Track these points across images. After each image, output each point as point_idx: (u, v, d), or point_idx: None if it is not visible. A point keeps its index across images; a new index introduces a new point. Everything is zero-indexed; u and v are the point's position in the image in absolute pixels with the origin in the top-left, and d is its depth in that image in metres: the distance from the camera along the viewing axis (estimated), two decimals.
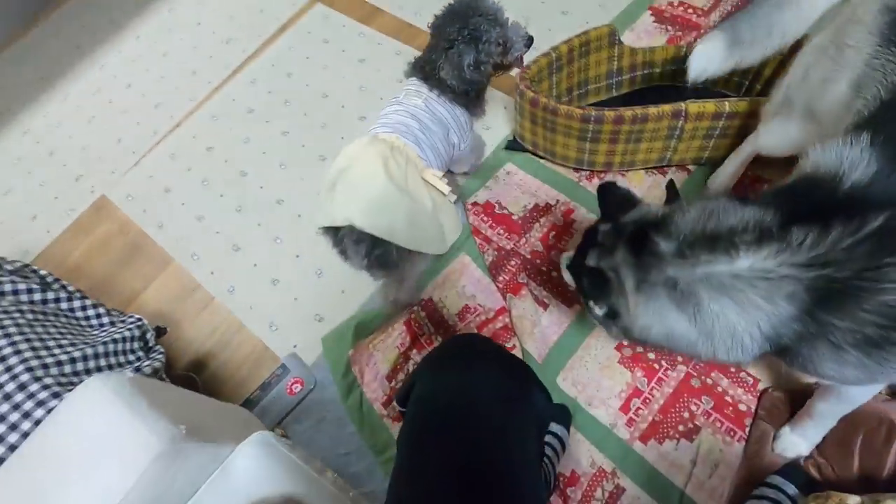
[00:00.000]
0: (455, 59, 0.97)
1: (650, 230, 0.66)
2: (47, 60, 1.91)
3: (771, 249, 0.57)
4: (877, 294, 0.54)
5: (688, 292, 0.62)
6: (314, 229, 1.37)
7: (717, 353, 0.66)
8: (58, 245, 1.49)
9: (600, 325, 0.80)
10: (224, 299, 1.33)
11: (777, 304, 0.58)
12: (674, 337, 0.68)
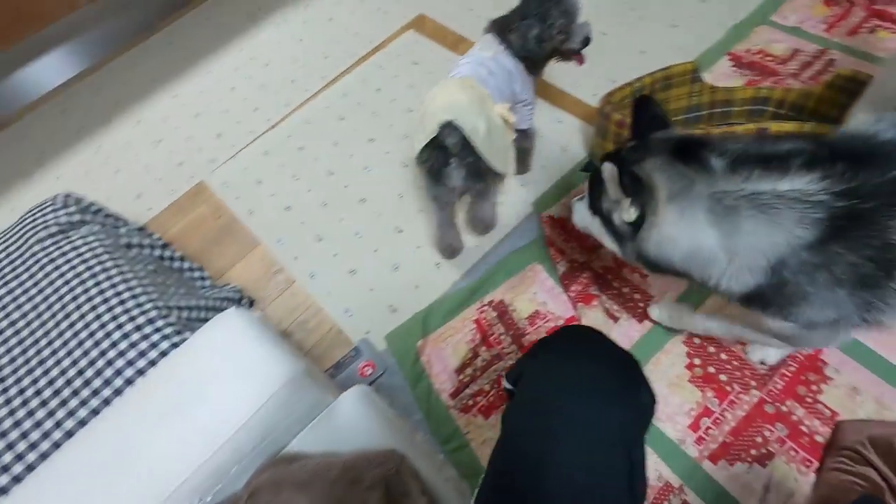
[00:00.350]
0: (523, 29, 1.14)
1: (699, 146, 0.71)
2: (162, 64, 2.13)
3: (818, 174, 0.63)
4: (885, 231, 0.61)
5: (730, 207, 0.67)
6: (394, 227, 1.47)
7: (724, 276, 0.72)
8: (158, 221, 1.63)
9: (613, 241, 0.86)
10: (304, 284, 1.42)
11: (804, 227, 0.64)
12: (698, 253, 0.72)
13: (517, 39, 1.15)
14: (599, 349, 0.67)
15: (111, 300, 0.89)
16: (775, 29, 1.65)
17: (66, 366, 0.83)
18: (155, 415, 0.65)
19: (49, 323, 0.88)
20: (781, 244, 0.66)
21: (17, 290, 0.93)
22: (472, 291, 1.31)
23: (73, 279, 0.92)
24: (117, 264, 0.96)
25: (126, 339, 0.84)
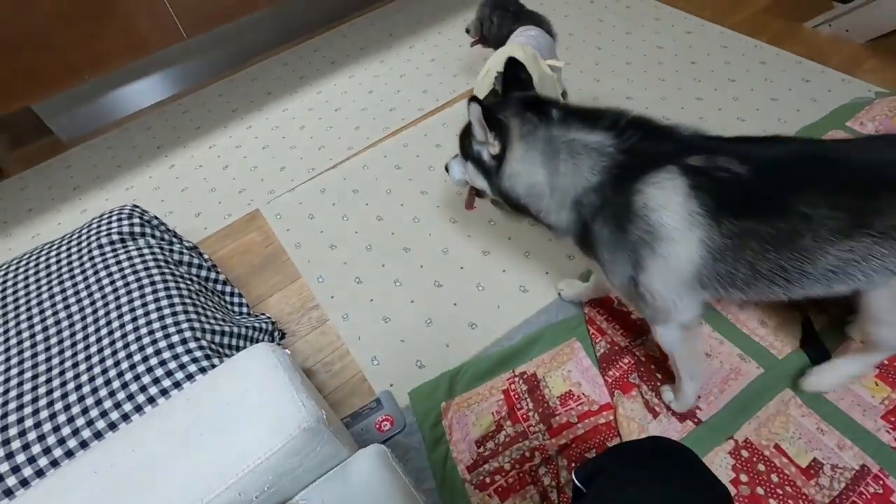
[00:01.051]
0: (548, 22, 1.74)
1: (546, 103, 0.93)
2: (244, 97, 2.29)
3: (612, 133, 0.84)
4: (638, 186, 0.81)
5: (556, 150, 0.87)
6: (433, 279, 1.46)
7: (549, 210, 0.92)
8: (210, 241, 1.69)
9: (484, 180, 0.99)
10: (337, 323, 1.41)
11: (595, 173, 0.84)
12: (532, 188, 0.91)
13: (548, 26, 1.72)
14: (697, 480, 0.60)
15: (152, 314, 0.90)
16: (851, 135, 1.61)
17: (97, 373, 0.84)
18: (167, 442, 0.63)
19: (91, 327, 0.90)
20: (579, 184, 0.86)
21: (70, 291, 0.97)
22: (505, 359, 1.26)
23: (122, 288, 0.95)
24: (164, 280, 0.98)
25: (157, 355, 0.84)
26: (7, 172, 2.12)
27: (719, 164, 0.79)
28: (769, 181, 0.78)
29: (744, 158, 0.78)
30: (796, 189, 0.76)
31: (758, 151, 0.81)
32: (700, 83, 1.91)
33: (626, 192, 0.81)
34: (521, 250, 1.49)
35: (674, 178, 0.79)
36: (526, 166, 0.90)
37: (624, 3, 2.38)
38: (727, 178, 0.78)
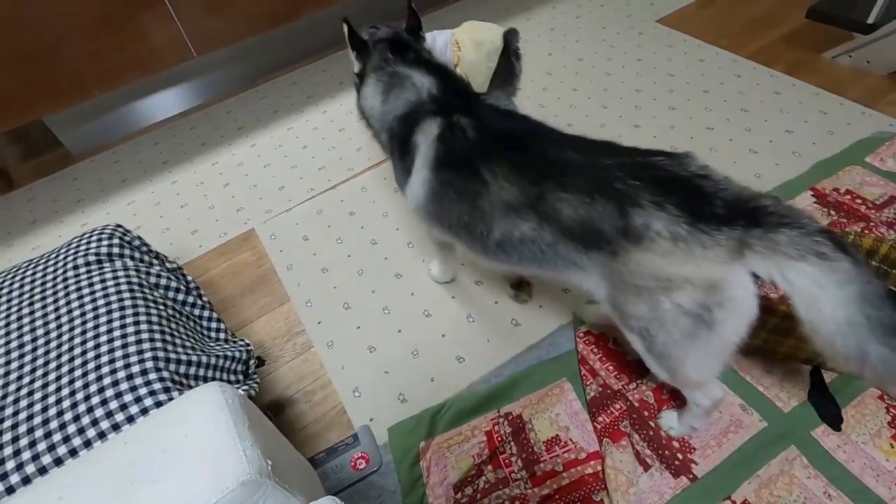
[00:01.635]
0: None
1: (409, 43, 1.14)
2: (251, 115, 2.30)
3: (437, 83, 1.04)
4: (418, 126, 1.02)
5: (394, 82, 1.07)
6: (423, 309, 1.41)
7: (381, 130, 1.13)
8: (203, 259, 1.68)
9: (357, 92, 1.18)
10: (321, 351, 1.37)
11: (406, 106, 1.05)
12: (373, 109, 1.13)
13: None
14: None
15: (115, 342, 0.87)
16: (870, 171, 1.52)
17: (52, 402, 0.81)
18: (97, 491, 0.59)
19: (53, 353, 0.88)
20: (396, 111, 1.06)
21: (39, 313, 0.95)
22: (490, 398, 1.20)
23: (90, 312, 0.92)
24: (135, 304, 0.95)
25: (115, 386, 0.81)
26: (17, 183, 2.16)
27: (462, 126, 0.95)
28: (480, 147, 0.92)
29: (485, 126, 0.94)
30: (491, 158, 0.89)
31: (501, 123, 0.96)
32: (711, 112, 1.85)
33: (412, 126, 1.02)
34: None
35: (433, 128, 0.98)
36: (371, 91, 1.11)
37: (636, 29, 2.35)
38: (458, 137, 0.94)
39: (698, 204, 0.73)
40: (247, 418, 0.67)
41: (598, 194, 0.78)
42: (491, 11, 2.70)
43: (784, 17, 2.22)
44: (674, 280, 0.74)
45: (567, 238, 0.83)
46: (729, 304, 0.74)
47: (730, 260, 0.71)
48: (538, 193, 0.83)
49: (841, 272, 0.68)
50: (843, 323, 0.68)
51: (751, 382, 1.13)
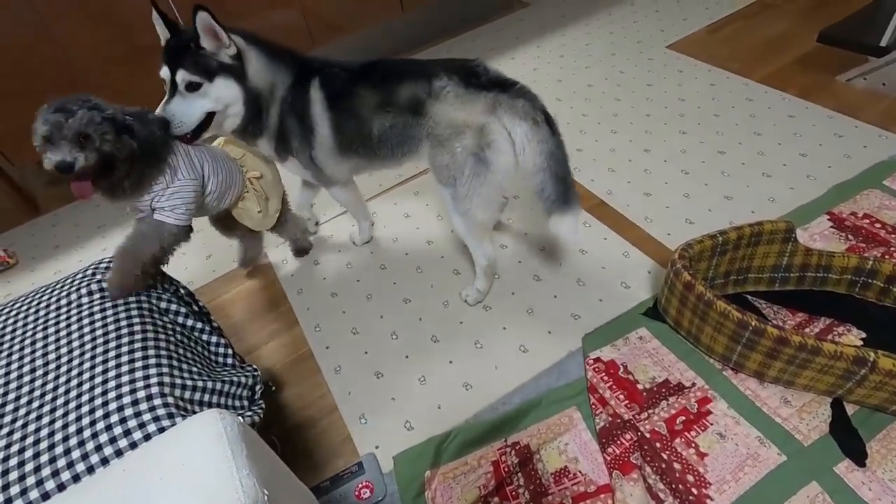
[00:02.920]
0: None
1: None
2: None
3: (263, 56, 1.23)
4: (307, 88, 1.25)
5: (273, 57, 1.24)
6: (430, 334, 1.40)
7: (270, 109, 1.25)
8: (215, 284, 1.70)
9: (228, 86, 1.18)
10: (329, 377, 1.36)
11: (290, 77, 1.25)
12: (268, 84, 1.23)
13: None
14: None
15: (123, 367, 0.89)
16: (889, 195, 1.49)
17: (58, 427, 0.82)
18: None
19: (62, 378, 0.89)
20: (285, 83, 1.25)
21: (52, 338, 0.97)
22: (497, 426, 1.17)
23: (100, 338, 0.94)
24: (144, 330, 0.97)
25: (119, 412, 0.82)
26: (43, 209, 2.24)
27: (335, 72, 1.23)
28: (353, 80, 1.22)
29: (345, 69, 1.24)
30: (360, 82, 1.21)
31: (360, 67, 1.24)
32: (723, 136, 1.84)
33: (303, 92, 1.23)
34: (525, 306, 1.43)
35: (316, 83, 1.22)
36: (261, 65, 1.20)
37: (646, 55, 2.37)
38: (336, 78, 1.22)
39: (472, 78, 1.14)
40: (245, 447, 0.67)
41: (419, 77, 1.17)
42: (503, 41, 2.76)
43: (795, 42, 2.22)
44: (458, 125, 1.13)
45: (406, 113, 1.18)
46: (494, 146, 1.12)
47: (488, 112, 1.11)
48: (391, 91, 1.19)
49: (542, 134, 1.12)
50: (536, 165, 1.13)
51: (768, 414, 1.09)
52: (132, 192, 1.07)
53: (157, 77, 2.12)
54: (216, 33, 1.10)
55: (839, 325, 1.22)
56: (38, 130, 0.94)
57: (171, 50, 1.13)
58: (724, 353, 1.15)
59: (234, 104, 1.19)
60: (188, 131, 1.17)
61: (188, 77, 1.11)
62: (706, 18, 2.54)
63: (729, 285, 1.31)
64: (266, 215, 1.43)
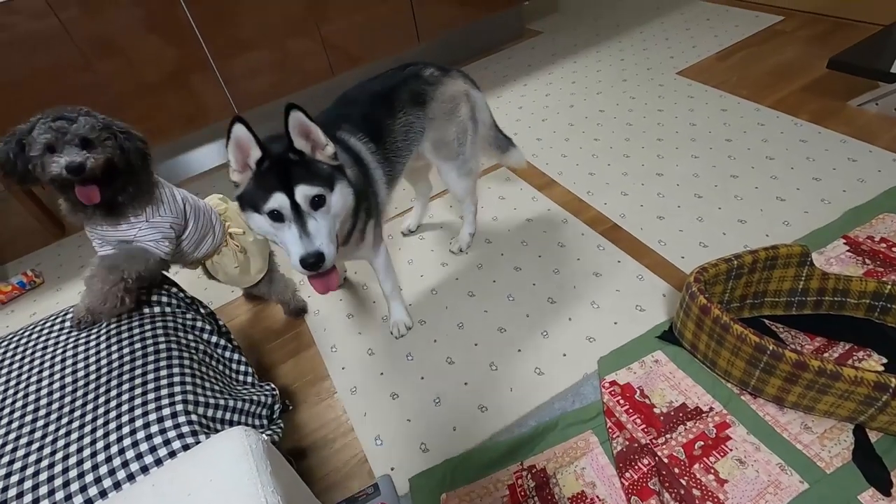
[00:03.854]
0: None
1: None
2: None
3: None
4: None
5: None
6: (445, 356, 1.41)
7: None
8: (236, 303, 1.74)
9: (346, 193, 1.03)
10: (344, 397, 1.37)
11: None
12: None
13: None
14: None
15: (149, 384, 0.91)
16: None
17: (87, 443, 0.84)
18: None
19: (90, 395, 0.92)
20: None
21: (81, 356, 1.00)
22: (513, 449, 1.17)
23: (127, 355, 0.97)
24: (169, 348, 1.00)
25: (146, 429, 0.84)
26: (69, 231, 2.31)
27: (344, 114, 1.25)
28: (360, 108, 1.26)
29: (347, 104, 1.29)
30: (366, 106, 1.27)
31: (352, 97, 1.30)
32: (735, 161, 1.86)
33: (348, 148, 1.18)
34: (539, 329, 1.43)
35: (344, 133, 1.20)
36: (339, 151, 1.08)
37: (657, 81, 2.41)
38: (350, 117, 1.24)
39: (435, 66, 1.38)
40: (269, 464, 0.68)
41: (408, 76, 1.33)
42: (515, 68, 2.83)
43: (805, 68, 2.24)
44: (456, 97, 1.37)
45: (415, 106, 1.31)
46: (478, 107, 1.43)
47: (465, 82, 1.40)
48: (394, 96, 1.30)
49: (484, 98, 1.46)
50: (489, 120, 1.51)
51: (788, 440, 1.08)
52: (128, 205, 1.08)
53: (192, 101, 2.20)
54: (312, 133, 0.95)
55: (859, 349, 1.21)
56: (38, 139, 0.95)
57: (277, 169, 0.92)
58: (741, 378, 1.15)
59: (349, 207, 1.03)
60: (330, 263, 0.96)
61: (311, 190, 0.91)
62: (716, 45, 2.59)
63: (745, 309, 1.31)
64: (245, 272, 1.39)
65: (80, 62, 1.90)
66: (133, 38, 1.96)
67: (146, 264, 1.09)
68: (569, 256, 1.63)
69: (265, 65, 2.25)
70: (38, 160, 0.97)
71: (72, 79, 1.91)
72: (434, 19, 2.56)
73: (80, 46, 1.88)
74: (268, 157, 0.93)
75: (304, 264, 0.92)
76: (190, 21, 2.01)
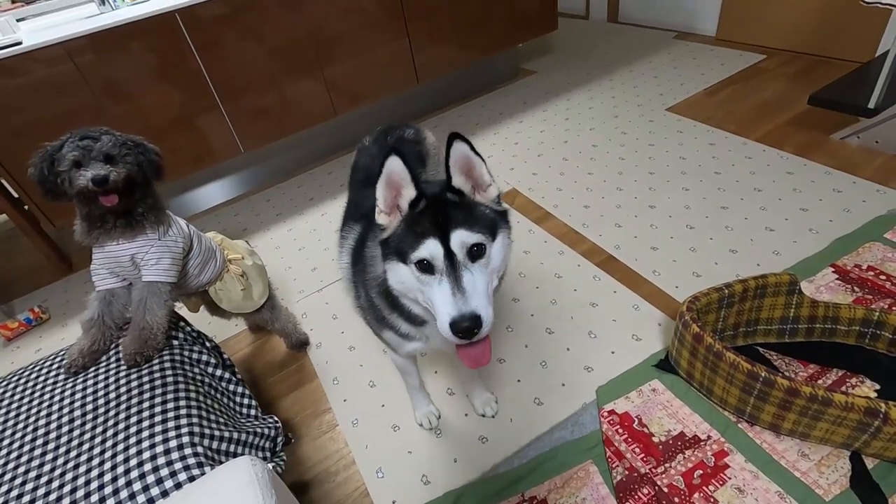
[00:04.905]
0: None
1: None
2: (288, 202, 2.50)
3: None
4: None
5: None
6: (446, 387, 1.43)
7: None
8: (239, 337, 1.76)
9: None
10: (346, 429, 1.39)
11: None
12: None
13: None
14: None
15: (156, 417, 0.93)
16: (891, 248, 1.53)
17: (94, 475, 0.86)
18: None
19: (99, 427, 0.94)
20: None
21: (90, 389, 1.02)
22: (513, 481, 1.18)
23: (135, 389, 1.00)
24: (176, 381, 1.02)
25: (152, 461, 0.86)
26: (76, 267, 2.36)
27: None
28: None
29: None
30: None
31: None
32: (725, 192, 1.92)
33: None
34: (538, 359, 1.46)
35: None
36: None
37: (647, 117, 2.51)
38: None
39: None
40: (275, 493, 0.70)
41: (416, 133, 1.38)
42: (511, 106, 2.93)
43: (789, 103, 2.34)
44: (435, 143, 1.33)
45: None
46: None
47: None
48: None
49: None
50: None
51: (786, 468, 1.09)
52: (145, 218, 1.15)
53: (200, 141, 2.28)
54: (475, 169, 0.79)
55: (852, 376, 1.23)
56: (66, 156, 1.06)
57: (432, 211, 0.76)
58: (737, 406, 1.17)
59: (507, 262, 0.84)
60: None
61: (471, 237, 0.74)
62: (702, 83, 2.70)
63: (739, 337, 1.34)
64: (248, 297, 1.43)
65: (94, 105, 1.99)
66: (145, 81, 2.05)
67: (164, 301, 1.15)
68: (566, 287, 1.67)
69: (271, 105, 2.35)
70: (66, 175, 1.06)
71: (87, 121, 1.99)
72: (432, 62, 2.68)
73: (95, 90, 1.97)
74: (424, 197, 0.77)
75: (455, 329, 0.70)
76: (200, 66, 2.11)
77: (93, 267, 1.17)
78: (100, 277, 1.18)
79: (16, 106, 1.87)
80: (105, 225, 1.12)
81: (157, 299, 1.14)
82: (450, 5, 2.59)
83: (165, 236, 1.19)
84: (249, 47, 2.19)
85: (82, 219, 1.14)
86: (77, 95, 1.95)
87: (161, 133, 2.14)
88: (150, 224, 1.16)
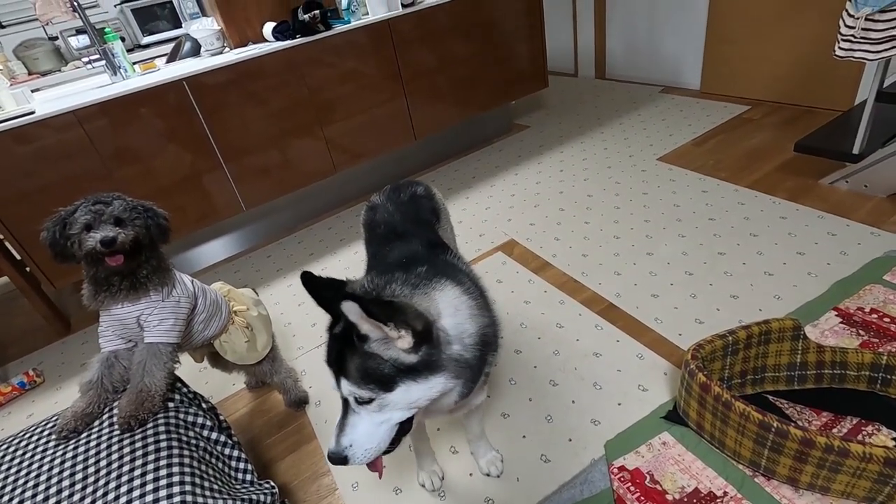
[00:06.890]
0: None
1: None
2: (288, 258, 2.52)
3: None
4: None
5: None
6: (449, 445, 1.38)
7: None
8: (237, 397, 1.72)
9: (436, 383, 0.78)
10: (346, 494, 1.32)
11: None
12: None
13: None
14: None
15: (147, 486, 0.90)
16: (891, 290, 1.53)
17: None
18: None
19: (88, 498, 0.90)
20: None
21: (81, 457, 0.99)
22: None
23: (127, 455, 0.96)
24: (170, 447, 0.99)
25: None
26: (74, 328, 2.34)
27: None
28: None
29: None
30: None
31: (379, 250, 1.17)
32: (721, 238, 1.94)
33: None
34: (543, 413, 1.42)
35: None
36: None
37: (639, 167, 2.57)
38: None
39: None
40: None
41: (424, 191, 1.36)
42: (506, 159, 3.02)
43: (776, 150, 2.41)
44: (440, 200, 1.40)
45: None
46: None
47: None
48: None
49: None
50: None
51: None
52: (149, 280, 1.16)
53: (204, 200, 2.32)
54: (376, 329, 0.75)
55: (867, 424, 1.19)
56: (79, 220, 1.09)
57: (334, 345, 0.79)
58: (752, 458, 1.12)
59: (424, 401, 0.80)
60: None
61: (355, 391, 0.76)
62: (690, 133, 2.79)
63: (747, 385, 1.31)
64: (253, 348, 1.43)
65: (101, 168, 2.05)
66: (152, 144, 2.12)
67: (165, 363, 1.14)
68: (568, 337, 1.65)
69: (272, 165, 2.42)
70: (76, 237, 1.09)
71: (95, 185, 2.04)
72: (428, 119, 2.78)
73: (103, 154, 2.03)
74: (337, 323, 0.77)
75: (329, 459, 0.80)
76: (206, 129, 2.19)
77: (100, 329, 1.18)
78: (106, 339, 1.18)
79: (25, 170, 1.92)
80: (111, 288, 1.13)
81: (157, 361, 1.13)
82: (445, 66, 2.73)
83: (169, 297, 1.19)
84: (252, 110, 2.28)
85: (89, 281, 1.15)
86: (85, 160, 2.01)
87: (166, 193, 2.19)
88: (153, 286, 1.17)
